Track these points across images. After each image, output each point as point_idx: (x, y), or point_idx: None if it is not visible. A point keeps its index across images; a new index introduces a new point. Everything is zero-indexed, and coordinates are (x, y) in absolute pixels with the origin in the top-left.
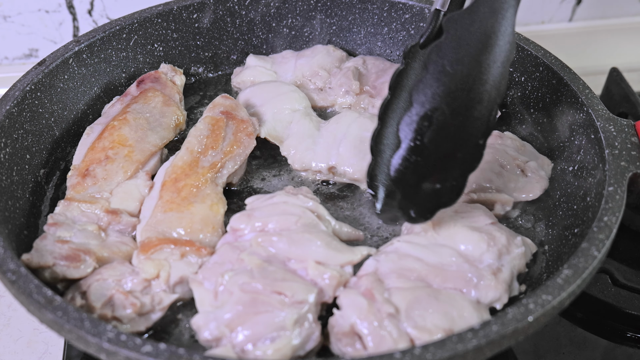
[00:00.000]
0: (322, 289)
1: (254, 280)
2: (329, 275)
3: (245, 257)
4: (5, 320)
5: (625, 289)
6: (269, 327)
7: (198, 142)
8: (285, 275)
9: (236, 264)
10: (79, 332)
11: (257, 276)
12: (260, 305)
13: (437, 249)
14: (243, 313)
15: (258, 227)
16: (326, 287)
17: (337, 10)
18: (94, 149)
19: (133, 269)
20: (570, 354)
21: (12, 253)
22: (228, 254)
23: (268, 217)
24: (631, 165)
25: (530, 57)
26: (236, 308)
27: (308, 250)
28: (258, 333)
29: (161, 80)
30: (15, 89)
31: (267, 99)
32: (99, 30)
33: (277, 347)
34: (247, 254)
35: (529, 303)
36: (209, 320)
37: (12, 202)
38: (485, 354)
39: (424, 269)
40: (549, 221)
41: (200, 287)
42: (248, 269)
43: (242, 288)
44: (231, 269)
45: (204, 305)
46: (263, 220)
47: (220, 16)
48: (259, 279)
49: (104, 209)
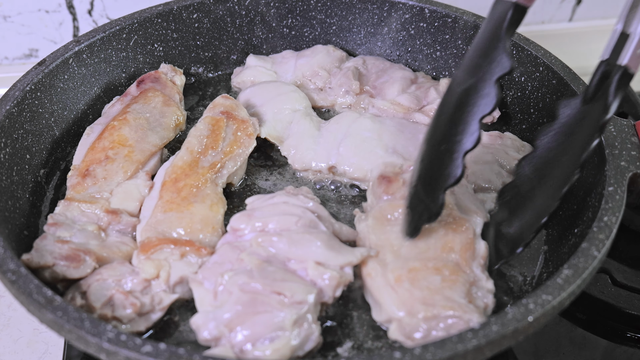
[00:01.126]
0: (322, 290)
1: (253, 280)
2: (328, 275)
3: (245, 257)
4: (5, 320)
5: (625, 289)
6: (268, 327)
7: (198, 142)
8: (284, 276)
9: (236, 264)
10: (79, 332)
11: (256, 276)
12: (260, 305)
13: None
14: (242, 313)
15: (258, 227)
16: (326, 288)
17: (337, 10)
18: (94, 149)
19: (133, 269)
20: (570, 354)
21: (12, 253)
22: (228, 254)
23: (268, 217)
24: (631, 165)
25: (530, 57)
26: (235, 308)
27: (308, 250)
28: (257, 333)
29: (161, 80)
30: (15, 89)
31: (267, 99)
32: (99, 30)
33: (276, 347)
34: (247, 254)
35: (529, 303)
36: (208, 320)
37: (12, 202)
38: (485, 354)
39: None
40: (549, 221)
41: (200, 286)
42: (248, 269)
43: (242, 288)
44: (231, 269)
45: (204, 305)
46: (263, 220)
47: (220, 16)
48: (258, 279)
49: (104, 209)
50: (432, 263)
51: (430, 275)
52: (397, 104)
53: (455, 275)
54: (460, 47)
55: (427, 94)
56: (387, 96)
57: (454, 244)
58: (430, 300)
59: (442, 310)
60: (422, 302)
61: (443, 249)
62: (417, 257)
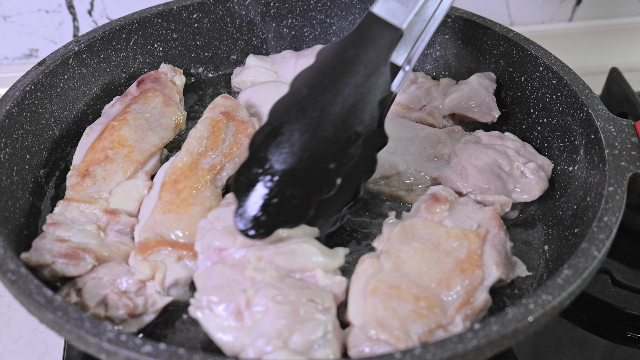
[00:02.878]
0: (335, 295)
1: (284, 292)
2: (339, 280)
3: (256, 274)
4: (5, 320)
5: (625, 289)
6: (318, 333)
7: (198, 144)
8: (302, 285)
9: (247, 282)
10: (79, 332)
11: (284, 288)
12: (303, 314)
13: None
14: (289, 324)
15: (247, 243)
16: (338, 292)
17: (337, 10)
18: (93, 149)
19: (129, 269)
20: (570, 354)
21: (12, 253)
22: (228, 274)
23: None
24: (631, 165)
25: (530, 57)
26: (279, 321)
27: (309, 260)
28: (310, 340)
29: (161, 81)
30: (15, 89)
31: (267, 99)
32: (99, 31)
33: (333, 349)
34: (255, 271)
35: (529, 303)
36: (251, 340)
37: (12, 202)
38: (486, 354)
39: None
40: (549, 221)
41: (212, 312)
42: (270, 283)
43: (277, 301)
44: (250, 286)
45: (224, 330)
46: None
47: (220, 16)
48: (288, 290)
49: (102, 209)
50: (417, 290)
51: (405, 300)
52: (397, 104)
53: (428, 311)
54: (460, 47)
55: (427, 94)
56: None
57: (452, 284)
58: (386, 323)
59: (388, 338)
60: (378, 321)
61: (439, 283)
62: (410, 279)
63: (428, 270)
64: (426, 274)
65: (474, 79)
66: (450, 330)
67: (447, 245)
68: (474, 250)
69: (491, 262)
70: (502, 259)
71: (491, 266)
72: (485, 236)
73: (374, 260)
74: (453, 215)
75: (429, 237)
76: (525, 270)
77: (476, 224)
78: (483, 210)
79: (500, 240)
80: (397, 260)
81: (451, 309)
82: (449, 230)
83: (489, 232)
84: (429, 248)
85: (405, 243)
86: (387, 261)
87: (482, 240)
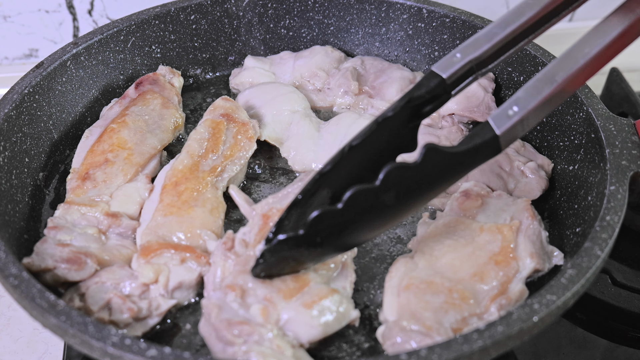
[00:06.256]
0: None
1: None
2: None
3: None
4: (5, 320)
5: (625, 289)
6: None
7: (199, 146)
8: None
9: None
10: (82, 336)
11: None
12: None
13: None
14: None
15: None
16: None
17: (335, 10)
18: (93, 152)
19: (132, 273)
20: (570, 354)
21: (14, 257)
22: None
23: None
24: (632, 164)
25: (530, 57)
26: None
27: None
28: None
29: (159, 82)
30: (13, 92)
31: (266, 101)
32: (97, 33)
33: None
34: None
35: (533, 303)
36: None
37: (12, 206)
38: (491, 354)
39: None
40: (550, 221)
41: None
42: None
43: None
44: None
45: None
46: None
47: (218, 17)
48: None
49: (103, 212)
50: (450, 283)
51: (438, 292)
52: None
53: (461, 301)
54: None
55: None
56: (386, 96)
57: (486, 277)
58: (419, 314)
59: (420, 328)
60: (411, 314)
61: (473, 276)
62: (444, 274)
63: (461, 265)
64: (460, 268)
65: None
66: (486, 319)
67: (480, 240)
68: (507, 243)
69: (525, 253)
70: (536, 249)
71: (525, 257)
72: (518, 228)
73: (407, 260)
74: (486, 210)
75: (462, 234)
76: (562, 259)
77: (509, 216)
78: (516, 202)
79: (534, 230)
80: (430, 258)
81: (486, 300)
82: (481, 225)
83: (522, 224)
84: (462, 244)
85: (439, 241)
86: (421, 259)
87: (515, 233)
